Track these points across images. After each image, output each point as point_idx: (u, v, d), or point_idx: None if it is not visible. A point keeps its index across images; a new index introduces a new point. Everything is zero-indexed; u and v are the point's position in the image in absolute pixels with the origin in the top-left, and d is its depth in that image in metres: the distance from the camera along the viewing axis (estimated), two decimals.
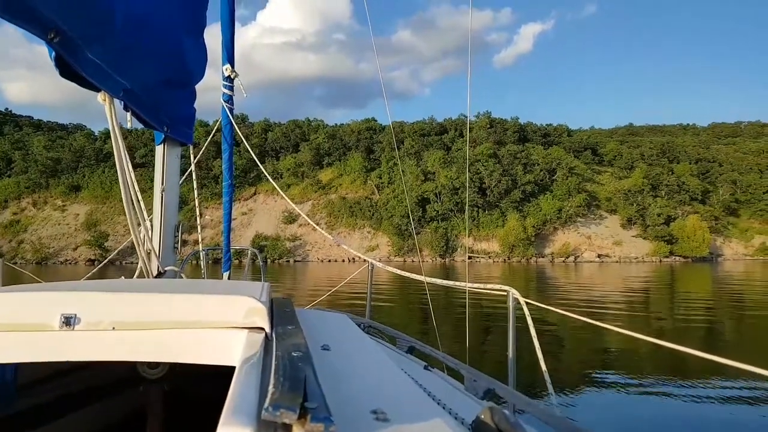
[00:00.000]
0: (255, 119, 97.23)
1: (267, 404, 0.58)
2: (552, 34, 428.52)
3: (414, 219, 69.70)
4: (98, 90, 1.83)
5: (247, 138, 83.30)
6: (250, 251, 5.03)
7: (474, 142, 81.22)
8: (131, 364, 1.88)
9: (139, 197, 2.52)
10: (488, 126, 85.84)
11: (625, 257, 67.23)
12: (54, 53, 1.44)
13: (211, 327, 1.13)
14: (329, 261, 63.38)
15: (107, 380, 1.81)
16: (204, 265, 3.92)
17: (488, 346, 8.93)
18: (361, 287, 4.34)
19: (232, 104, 4.06)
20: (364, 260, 4.24)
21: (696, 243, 66.31)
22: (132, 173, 2.38)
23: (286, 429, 0.57)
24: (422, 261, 64.14)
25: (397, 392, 0.93)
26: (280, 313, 1.32)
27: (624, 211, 73.45)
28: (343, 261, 62.33)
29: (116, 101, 2.00)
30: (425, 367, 1.91)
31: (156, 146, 2.94)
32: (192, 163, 3.66)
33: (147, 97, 2.22)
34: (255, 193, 78.06)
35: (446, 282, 3.42)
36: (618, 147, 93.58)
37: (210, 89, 4.14)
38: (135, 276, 2.72)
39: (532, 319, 2.58)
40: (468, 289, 3.04)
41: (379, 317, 12.89)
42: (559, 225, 71.61)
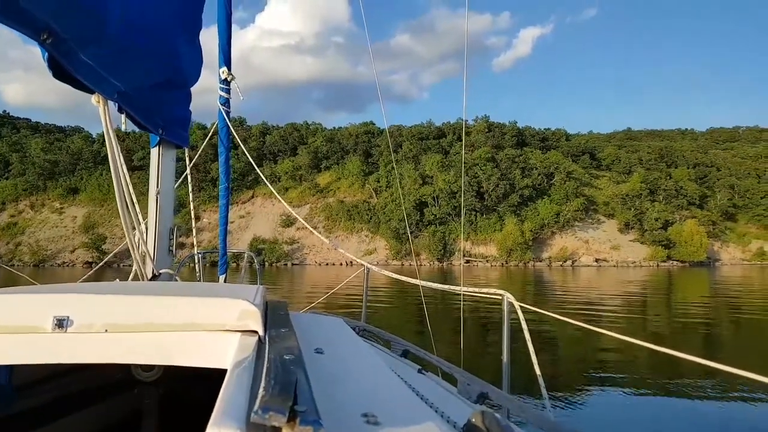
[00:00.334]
0: (253, 122, 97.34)
1: (257, 407, 0.58)
2: (551, 37, 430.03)
3: (412, 223, 69.65)
4: (92, 92, 1.82)
5: (245, 141, 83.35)
6: (247, 254, 5.03)
7: (472, 146, 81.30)
8: (125, 367, 1.88)
9: (134, 200, 2.52)
10: (486, 130, 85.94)
11: (623, 261, 67.30)
12: (47, 54, 1.44)
13: (204, 329, 1.12)
14: (327, 264, 63.30)
15: (102, 382, 1.80)
16: (199, 269, 3.90)
17: (484, 350, 8.91)
18: (358, 290, 4.37)
19: (228, 107, 4.06)
20: (362, 262, 4.23)
21: (693, 248, 66.41)
22: (127, 176, 2.37)
23: None
24: (420, 265, 64.08)
25: (389, 396, 0.93)
26: (275, 316, 1.32)
27: (622, 216, 73.56)
28: (341, 264, 62.27)
29: (111, 103, 2.00)
30: (419, 371, 1.91)
31: (151, 149, 2.93)
32: (188, 166, 3.66)
33: (142, 100, 2.22)
34: (253, 197, 77.99)
35: (441, 286, 3.41)
36: (616, 151, 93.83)
37: (207, 91, 4.14)
38: (130, 279, 2.71)
39: (528, 323, 2.57)
40: (463, 293, 3.03)
41: (376, 320, 12.89)
42: (557, 229, 71.68)
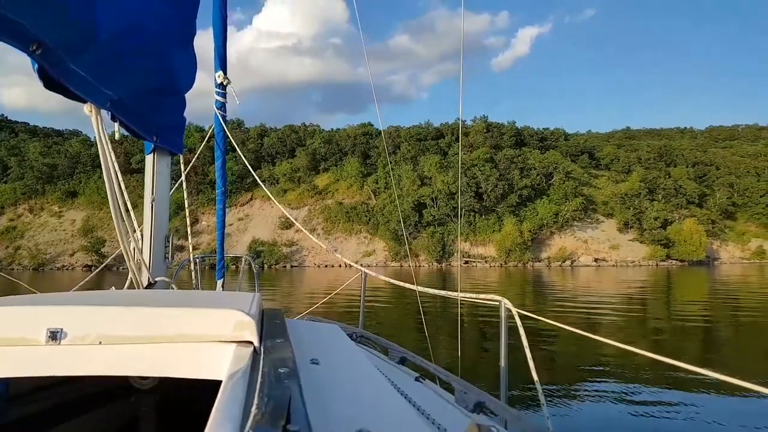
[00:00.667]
0: (251, 124, 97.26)
1: (249, 426, 0.57)
2: (549, 37, 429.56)
3: (410, 224, 69.59)
4: (84, 101, 1.81)
5: (243, 143, 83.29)
6: (244, 258, 5.02)
7: (470, 146, 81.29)
8: (122, 376, 1.86)
9: (129, 207, 2.50)
10: (485, 130, 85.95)
11: (622, 261, 67.31)
12: (37, 65, 1.43)
13: (199, 341, 1.11)
14: (326, 266, 63.27)
15: (98, 390, 1.79)
16: (195, 276, 3.89)
17: (482, 354, 8.89)
18: (357, 293, 4.33)
19: (224, 111, 4.05)
20: (359, 267, 4.22)
21: (693, 247, 66.43)
22: (122, 183, 2.36)
23: None
24: (419, 266, 64.02)
25: (385, 409, 0.91)
26: (270, 325, 1.32)
27: (621, 215, 73.57)
28: (340, 266, 62.27)
29: (104, 111, 1.99)
30: (416, 379, 1.90)
31: (146, 155, 2.92)
32: (183, 173, 3.64)
33: (135, 107, 2.20)
34: (251, 199, 77.89)
35: (438, 292, 3.39)
36: (615, 151, 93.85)
37: (205, 94, 4.13)
38: (126, 287, 2.69)
39: (526, 327, 2.56)
40: (460, 299, 3.01)
41: (375, 322, 12.88)
42: (556, 229, 71.66)
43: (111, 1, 1.53)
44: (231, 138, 4.05)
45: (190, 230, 4.19)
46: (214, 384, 0.95)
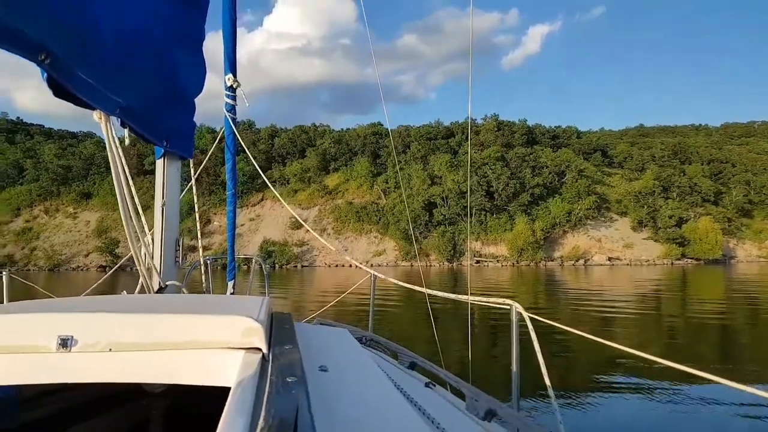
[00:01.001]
0: (262, 125, 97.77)
1: None
2: (560, 35, 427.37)
3: (421, 223, 69.41)
4: (94, 108, 1.82)
5: (254, 144, 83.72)
6: (255, 259, 5.04)
7: (481, 145, 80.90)
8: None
9: (140, 211, 2.51)
10: (496, 129, 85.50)
11: (636, 260, 66.57)
12: (46, 74, 1.43)
13: (208, 347, 1.12)
14: (336, 266, 63.36)
15: (110, 393, 1.80)
16: (205, 279, 3.91)
17: (494, 357, 8.78)
18: (367, 292, 4.29)
19: (234, 114, 4.06)
20: (368, 270, 4.20)
21: (708, 245, 65.50)
22: (133, 187, 2.37)
23: None
24: (429, 265, 63.86)
25: (394, 418, 0.91)
26: (279, 331, 1.33)
27: (635, 214, 72.75)
28: (350, 266, 62.34)
29: (113, 117, 1.99)
30: (426, 385, 1.88)
31: (156, 160, 2.93)
32: (193, 176, 3.66)
33: (144, 114, 2.20)
34: (263, 199, 78.23)
35: (448, 295, 3.36)
36: (628, 148, 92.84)
37: (217, 96, 4.15)
38: (137, 291, 2.71)
39: (538, 330, 2.51)
40: (470, 302, 2.98)
41: (385, 322, 12.86)
42: (569, 228, 71.03)
43: (118, 10, 1.53)
44: (241, 141, 4.06)
45: (200, 233, 4.21)
46: (224, 389, 0.95)
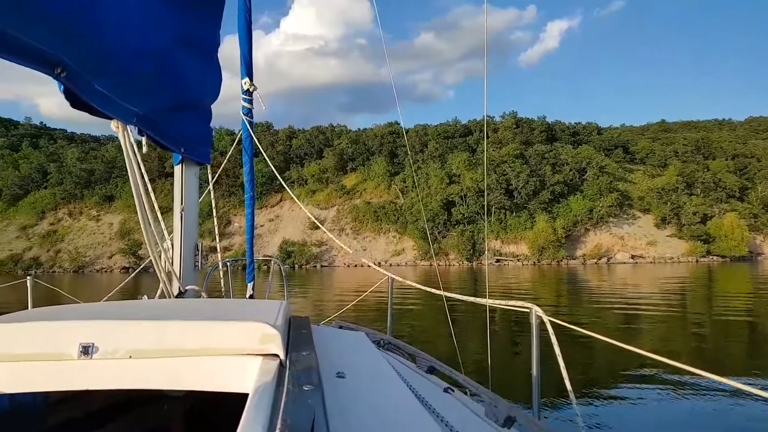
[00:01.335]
0: (279, 126, 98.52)
1: None
2: (579, 30, 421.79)
3: (440, 222, 69.18)
4: (111, 118, 1.84)
5: (272, 145, 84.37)
6: (273, 261, 5.08)
7: (500, 143, 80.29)
8: None
9: (159, 218, 2.54)
10: (514, 126, 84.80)
11: (660, 258, 65.37)
12: (63, 87, 1.46)
13: (226, 354, 1.14)
14: (356, 266, 63.53)
15: (130, 399, 1.83)
16: (224, 282, 3.94)
17: (514, 359, 8.63)
18: (386, 293, 4.27)
19: (251, 117, 4.09)
20: (387, 270, 4.19)
21: (734, 242, 64.01)
22: (152, 193, 2.40)
23: None
24: (449, 265, 63.60)
25: (411, 424, 0.91)
26: (297, 336, 1.34)
27: (658, 210, 71.41)
28: (369, 266, 62.36)
29: (130, 126, 2.02)
30: (445, 390, 1.86)
31: (174, 166, 2.96)
32: (210, 181, 3.69)
33: (160, 122, 2.23)
34: (281, 200, 78.88)
35: (466, 297, 3.32)
36: (650, 144, 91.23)
37: (236, 99, 4.19)
38: (157, 296, 2.74)
39: (559, 334, 2.46)
40: (489, 305, 2.94)
41: (406, 322, 12.84)
42: (591, 226, 70.05)
43: (132, 22, 1.54)
44: (258, 144, 4.09)
45: (218, 237, 4.25)
46: (243, 395, 0.97)
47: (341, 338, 1.91)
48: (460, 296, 3.35)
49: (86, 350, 1.12)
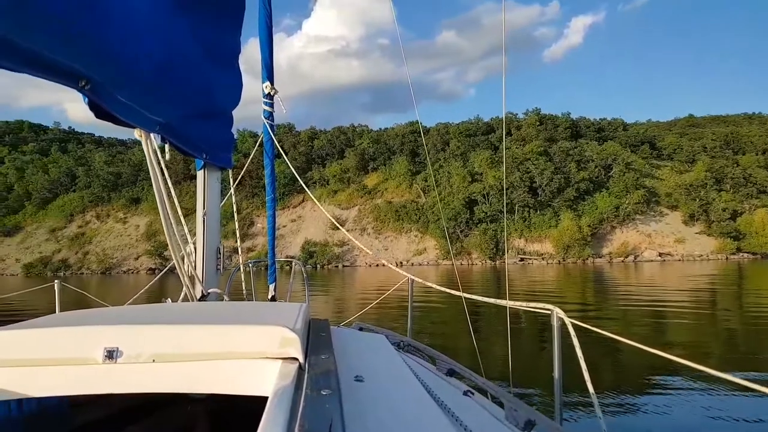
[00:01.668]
0: (301, 127, 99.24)
1: None
2: (603, 25, 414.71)
3: (462, 221, 68.77)
4: (134, 126, 1.89)
5: (294, 146, 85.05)
6: (294, 262, 5.14)
7: (523, 140, 79.41)
8: None
9: (183, 222, 2.59)
10: (538, 123, 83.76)
11: (689, 255, 63.79)
12: (87, 99, 1.50)
13: (247, 357, 1.17)
14: (377, 266, 63.63)
15: (153, 401, 1.86)
16: (246, 283, 4.00)
17: (536, 361, 8.49)
18: (406, 292, 4.23)
19: (272, 120, 4.14)
20: (408, 270, 4.19)
21: (765, 238, 62.08)
22: (176, 199, 2.45)
23: None
24: (471, 264, 63.19)
25: (430, 428, 0.92)
26: (316, 339, 1.36)
27: (686, 207, 69.70)
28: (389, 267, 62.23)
29: (153, 134, 2.06)
30: (464, 393, 1.85)
31: (197, 171, 3.02)
32: (231, 186, 3.75)
33: (183, 129, 2.27)
34: (303, 200, 79.48)
35: (485, 299, 3.29)
36: (678, 140, 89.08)
37: (258, 101, 4.23)
38: (180, 299, 2.80)
39: (581, 335, 2.42)
40: (509, 306, 2.92)
41: (428, 322, 12.80)
42: (617, 223, 68.70)
43: (154, 34, 1.58)
44: (278, 147, 4.13)
45: (239, 241, 4.31)
46: (263, 399, 0.99)
47: (361, 340, 1.92)
48: (479, 297, 3.33)
49: (111, 354, 1.15)
